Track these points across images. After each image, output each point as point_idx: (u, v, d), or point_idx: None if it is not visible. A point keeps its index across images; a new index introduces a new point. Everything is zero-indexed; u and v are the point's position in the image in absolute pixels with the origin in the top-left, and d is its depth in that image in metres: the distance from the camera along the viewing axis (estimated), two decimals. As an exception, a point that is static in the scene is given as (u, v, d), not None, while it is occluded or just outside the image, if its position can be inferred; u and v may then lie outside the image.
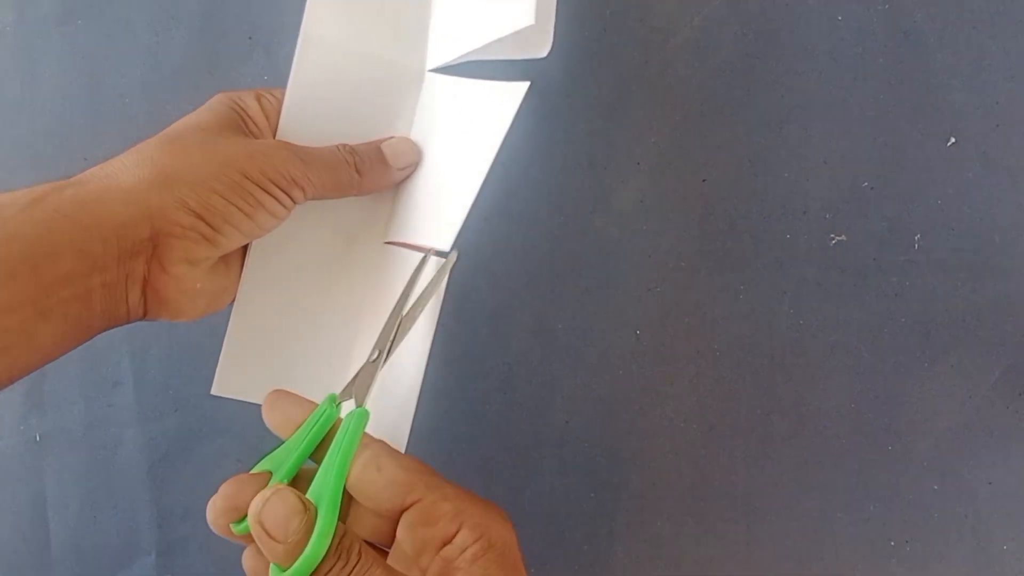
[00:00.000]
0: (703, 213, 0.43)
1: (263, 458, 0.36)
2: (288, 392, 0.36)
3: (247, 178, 0.34)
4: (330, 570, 0.27)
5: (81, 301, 0.32)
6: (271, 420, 0.35)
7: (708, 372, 0.43)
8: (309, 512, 0.27)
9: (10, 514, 0.55)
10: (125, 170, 0.33)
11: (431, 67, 0.41)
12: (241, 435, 0.51)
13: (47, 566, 0.54)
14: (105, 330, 0.34)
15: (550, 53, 0.39)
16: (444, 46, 0.40)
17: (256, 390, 0.37)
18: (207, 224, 0.33)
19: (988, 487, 0.40)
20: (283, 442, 0.35)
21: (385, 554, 0.35)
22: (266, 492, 0.27)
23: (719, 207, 0.42)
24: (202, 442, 0.51)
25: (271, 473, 0.34)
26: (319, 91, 0.39)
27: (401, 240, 0.40)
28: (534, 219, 0.45)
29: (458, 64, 0.40)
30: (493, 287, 0.46)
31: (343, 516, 0.33)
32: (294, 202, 0.36)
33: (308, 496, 0.29)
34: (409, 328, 0.36)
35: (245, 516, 0.32)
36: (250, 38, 0.49)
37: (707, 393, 0.43)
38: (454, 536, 0.32)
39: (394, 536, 0.34)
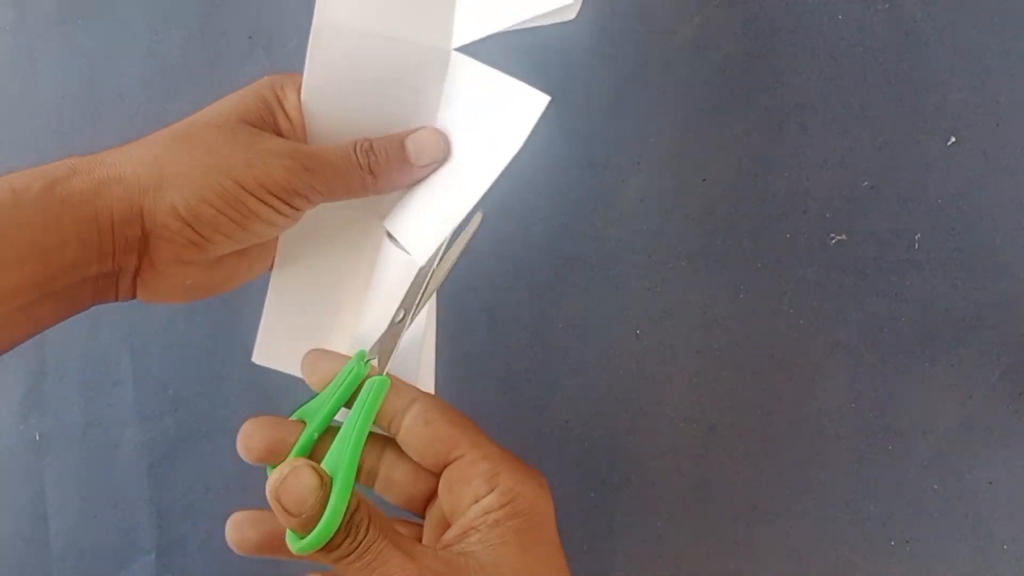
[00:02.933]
0: (703, 213, 0.43)
1: (300, 407, 0.36)
2: (326, 351, 0.36)
3: (242, 187, 0.33)
4: (340, 544, 0.28)
5: (79, 286, 0.33)
6: (311, 378, 0.36)
7: (708, 372, 0.43)
8: (324, 487, 0.28)
9: (10, 514, 0.55)
10: (130, 164, 0.34)
11: (457, 45, 0.38)
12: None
13: (47, 566, 0.54)
14: (93, 306, 0.35)
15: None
16: (473, 23, 0.38)
17: (293, 362, 0.37)
18: (194, 231, 0.34)
19: (988, 487, 0.40)
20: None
21: (420, 527, 0.35)
22: (284, 469, 0.28)
23: (719, 207, 0.42)
24: (202, 442, 0.51)
25: (304, 423, 0.35)
26: (338, 78, 0.37)
27: (392, 233, 0.39)
28: (534, 219, 0.45)
29: (483, 38, 0.38)
30: (493, 287, 0.46)
31: (384, 471, 0.35)
32: (297, 210, 0.36)
33: (325, 466, 0.30)
34: (435, 287, 0.36)
35: (274, 460, 0.34)
36: (250, 38, 0.49)
37: (707, 393, 0.43)
38: (484, 497, 0.31)
39: (429, 499, 0.35)
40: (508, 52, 0.40)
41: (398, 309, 0.36)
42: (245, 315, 0.50)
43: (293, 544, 0.29)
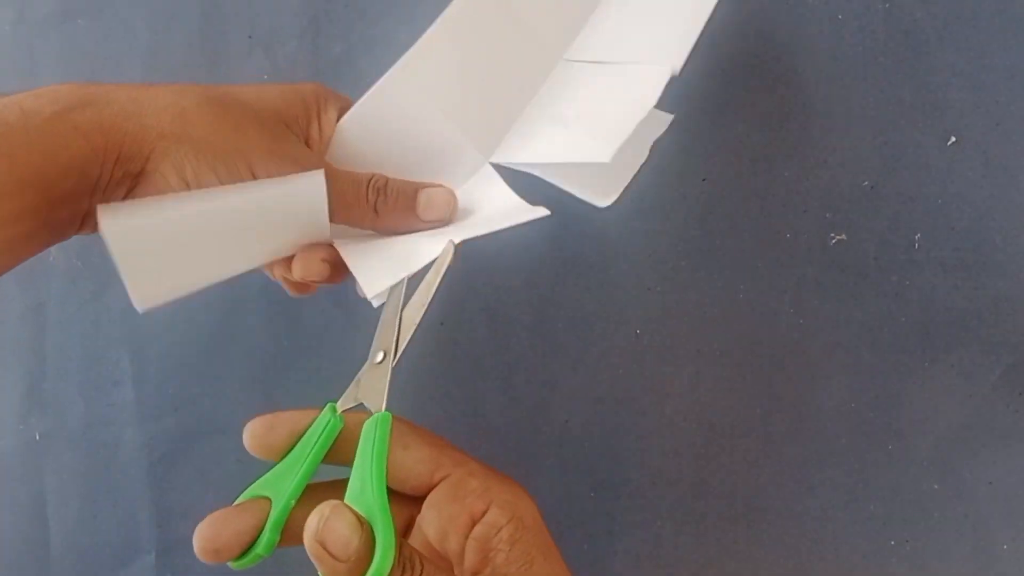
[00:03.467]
0: (703, 213, 0.43)
1: (249, 487, 0.34)
2: (275, 415, 0.34)
3: (252, 174, 0.34)
4: None
5: (73, 220, 0.33)
6: (267, 447, 0.33)
7: (708, 372, 0.43)
8: (365, 528, 0.26)
9: (10, 514, 0.55)
10: (153, 106, 0.33)
11: (494, 160, 0.40)
12: (241, 435, 0.51)
13: (47, 565, 0.54)
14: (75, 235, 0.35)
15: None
16: (515, 146, 0.39)
17: (128, 255, 0.33)
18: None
19: (988, 487, 0.40)
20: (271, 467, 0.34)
21: None
22: (323, 510, 0.26)
23: (719, 207, 0.42)
24: (202, 442, 0.51)
25: (269, 500, 0.32)
26: (383, 124, 0.38)
27: (346, 261, 0.38)
28: (534, 219, 0.45)
29: (518, 169, 0.39)
30: (493, 287, 0.46)
31: None
32: None
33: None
34: (411, 325, 0.35)
35: (241, 554, 0.32)
36: (250, 37, 0.49)
37: (707, 393, 0.43)
38: (482, 514, 0.31)
39: (404, 535, 0.34)
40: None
41: (375, 351, 0.35)
42: (246, 316, 0.51)
43: None
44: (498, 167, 0.39)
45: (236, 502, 0.33)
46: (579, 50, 0.41)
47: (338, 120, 0.38)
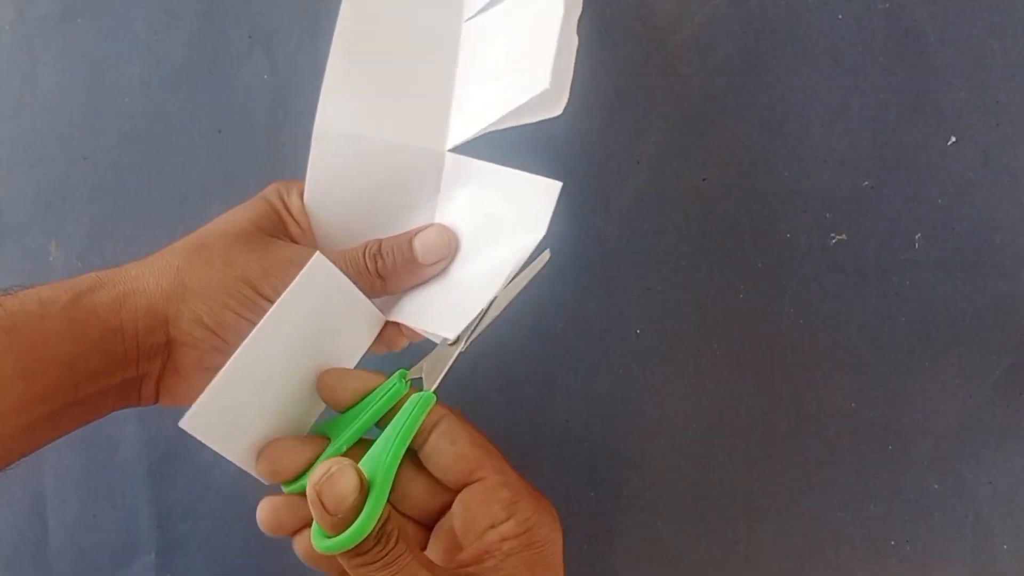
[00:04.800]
0: (703, 213, 0.43)
1: (319, 423, 0.37)
2: (351, 369, 0.37)
3: (259, 294, 0.35)
4: (369, 550, 0.29)
5: (103, 394, 0.35)
6: (337, 396, 0.36)
7: (708, 372, 0.43)
8: (363, 491, 0.29)
9: (10, 513, 0.55)
10: (152, 276, 0.35)
11: (450, 147, 0.40)
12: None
13: (47, 565, 0.54)
14: (113, 411, 0.36)
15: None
16: (462, 124, 0.39)
17: (222, 440, 0.35)
18: (219, 337, 0.35)
19: (988, 487, 0.40)
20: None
21: (428, 530, 0.36)
22: (331, 465, 0.28)
23: (719, 207, 0.42)
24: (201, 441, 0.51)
25: (328, 440, 0.35)
26: (338, 183, 0.39)
27: (407, 324, 0.39)
28: (534, 219, 0.45)
29: (475, 139, 0.39)
30: (493, 287, 0.46)
31: (400, 484, 0.35)
32: None
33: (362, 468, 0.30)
34: (493, 314, 0.37)
35: (294, 478, 0.35)
36: (250, 37, 0.49)
37: (707, 393, 0.43)
38: (502, 524, 0.33)
39: (440, 515, 0.36)
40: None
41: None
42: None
43: (319, 542, 0.29)
44: (459, 150, 0.39)
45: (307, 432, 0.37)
46: (471, 4, 0.41)
47: (301, 202, 0.39)
